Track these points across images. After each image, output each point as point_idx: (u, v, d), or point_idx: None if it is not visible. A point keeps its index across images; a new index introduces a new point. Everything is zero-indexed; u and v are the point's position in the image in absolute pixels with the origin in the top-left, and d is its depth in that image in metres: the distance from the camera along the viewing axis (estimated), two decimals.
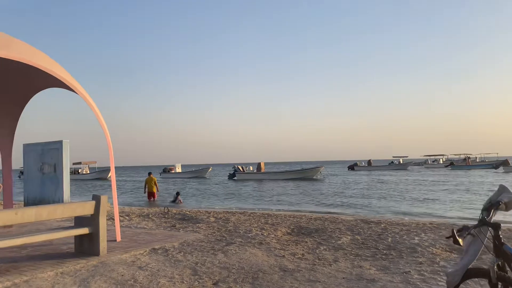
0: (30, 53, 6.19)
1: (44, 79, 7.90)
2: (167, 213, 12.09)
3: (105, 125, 7.16)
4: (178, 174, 56.68)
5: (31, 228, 8.90)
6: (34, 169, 13.71)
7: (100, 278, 4.94)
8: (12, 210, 5.07)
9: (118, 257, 5.98)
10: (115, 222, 7.45)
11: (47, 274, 5.11)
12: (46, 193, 13.29)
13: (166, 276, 5.02)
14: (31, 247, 6.76)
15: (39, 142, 13.84)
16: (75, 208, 5.78)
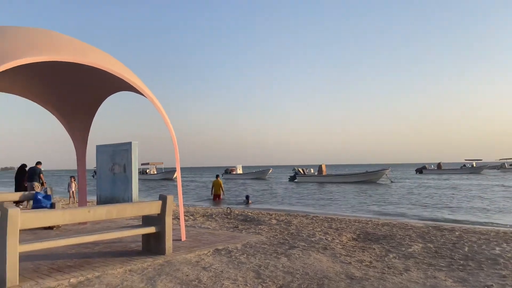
0: (104, 59, 6.49)
1: (115, 83, 8.27)
2: (229, 214, 12.20)
3: (171, 127, 7.33)
4: (239, 175, 57.46)
5: (103, 226, 9.36)
6: (106, 169, 14.46)
7: (166, 277, 5.01)
8: (86, 208, 5.31)
9: (183, 257, 6.06)
10: (180, 221, 7.59)
11: (116, 271, 5.29)
12: (116, 192, 13.96)
13: (229, 278, 4.99)
14: (103, 244, 7.08)
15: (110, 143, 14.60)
16: (143, 208, 5.95)
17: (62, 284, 4.70)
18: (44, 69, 7.99)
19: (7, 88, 8.77)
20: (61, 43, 5.97)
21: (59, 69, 8.07)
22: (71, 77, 8.44)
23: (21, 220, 4.63)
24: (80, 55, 6.02)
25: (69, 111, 9.43)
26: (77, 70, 8.03)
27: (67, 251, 6.54)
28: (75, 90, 8.92)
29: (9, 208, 4.51)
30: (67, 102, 9.25)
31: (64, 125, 9.72)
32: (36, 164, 14.39)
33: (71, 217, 5.13)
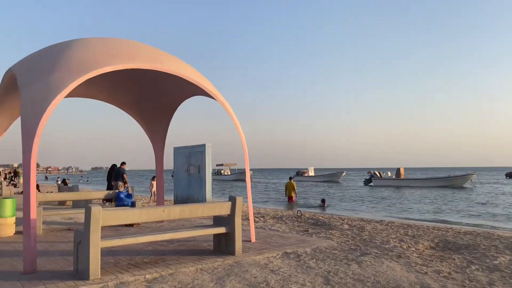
0: (179, 65, 6.78)
1: (190, 88, 8.61)
2: (300, 217, 12.11)
3: (241, 130, 7.45)
4: (311, 177, 56.89)
5: (178, 224, 9.77)
6: (182, 170, 15.12)
7: (235, 278, 5.09)
8: (161, 208, 5.58)
9: (252, 258, 6.11)
10: (250, 223, 7.68)
11: (188, 269, 5.48)
12: (192, 192, 14.53)
13: (297, 282, 4.93)
14: (178, 242, 7.38)
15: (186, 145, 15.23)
16: (213, 208, 6.10)
17: (138, 280, 4.97)
18: (125, 77, 8.56)
19: (96, 95, 9.53)
20: (139, 52, 6.34)
21: (139, 76, 8.59)
22: (150, 84, 8.94)
23: (102, 217, 4.98)
24: (157, 62, 6.35)
25: (148, 115, 9.99)
26: (155, 76, 8.50)
27: (145, 248, 6.91)
28: (153, 96, 9.43)
29: (92, 206, 4.87)
30: (146, 107, 9.81)
31: (144, 129, 10.32)
32: (120, 165, 15.44)
33: (147, 215, 5.41)
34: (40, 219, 8.65)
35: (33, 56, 6.32)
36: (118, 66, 5.71)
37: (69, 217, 11.58)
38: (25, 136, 5.19)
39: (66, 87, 5.24)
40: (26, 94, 5.46)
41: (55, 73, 5.49)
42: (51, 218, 11.04)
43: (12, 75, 6.45)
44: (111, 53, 5.97)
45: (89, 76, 5.41)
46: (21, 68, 6.12)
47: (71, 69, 5.51)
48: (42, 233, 8.57)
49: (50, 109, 5.18)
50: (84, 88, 8.95)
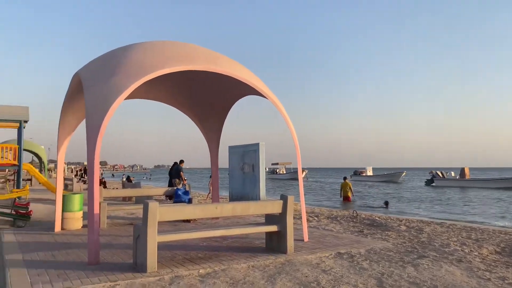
0: (232, 66, 6.92)
1: (243, 88, 8.74)
2: (355, 217, 11.86)
3: (293, 128, 7.44)
4: (369, 177, 55.38)
5: (233, 221, 9.95)
6: (237, 168, 15.40)
7: (286, 276, 5.11)
8: (214, 205, 5.73)
9: (304, 257, 6.10)
10: (302, 222, 7.66)
11: (240, 266, 5.58)
12: (246, 190, 14.75)
13: (349, 283, 4.86)
14: (231, 239, 7.53)
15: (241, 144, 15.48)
16: (265, 206, 6.17)
17: (192, 274, 5.15)
18: (182, 78, 8.87)
19: (155, 96, 9.96)
20: (195, 54, 6.55)
21: (195, 77, 8.87)
22: (205, 84, 9.20)
23: (159, 213, 5.21)
24: (211, 63, 6.53)
25: (203, 115, 10.28)
26: (210, 77, 8.72)
27: (200, 243, 7.13)
28: (208, 96, 9.69)
29: (149, 202, 5.11)
30: (202, 107, 10.09)
31: (200, 128, 10.63)
32: (179, 163, 16.02)
33: (201, 212, 5.59)
34: (104, 214, 9.20)
35: (97, 60, 6.75)
36: (174, 68, 5.94)
37: (132, 212, 12.20)
38: (89, 136, 5.56)
39: (126, 90, 5.54)
40: (89, 96, 5.84)
41: (115, 77, 5.82)
42: (115, 213, 11.69)
43: (78, 79, 6.92)
44: (168, 55, 6.22)
45: (147, 78, 5.68)
46: (86, 72, 6.56)
47: (130, 72, 5.82)
48: (106, 227, 9.11)
49: (112, 110, 5.50)
50: (145, 90, 9.39)
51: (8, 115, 16.74)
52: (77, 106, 8.11)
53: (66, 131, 8.37)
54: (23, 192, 11.49)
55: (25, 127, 17.71)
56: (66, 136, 8.48)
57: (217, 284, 4.75)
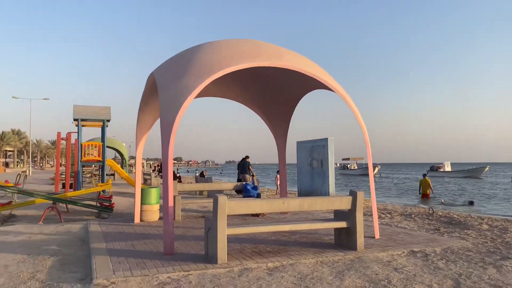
0: (297, 60, 6.90)
1: (310, 82, 8.68)
2: (431, 215, 11.27)
3: (363, 122, 7.24)
4: (447, 173, 52.19)
5: (301, 216, 9.95)
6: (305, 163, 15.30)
7: (355, 273, 5.02)
8: (281, 200, 5.78)
9: (375, 255, 5.94)
10: (373, 218, 7.45)
11: (309, 261, 5.57)
12: (315, 185, 14.60)
13: (422, 283, 4.65)
14: (300, 234, 7.54)
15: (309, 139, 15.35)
16: (332, 202, 6.09)
17: (261, 267, 5.24)
18: (249, 75, 9.01)
19: (224, 94, 10.24)
20: (260, 50, 6.62)
21: (261, 74, 8.96)
22: (272, 80, 9.26)
23: (228, 207, 5.37)
24: (277, 59, 6.56)
25: (270, 111, 10.36)
26: (276, 73, 8.77)
27: (269, 237, 7.23)
28: (275, 92, 9.75)
29: (219, 196, 5.29)
30: (269, 102, 10.18)
31: (267, 124, 10.73)
32: (244, 158, 16.32)
33: (268, 207, 5.66)
34: (179, 207, 9.67)
35: (169, 61, 7.09)
36: (239, 66, 6.06)
37: (204, 205, 12.68)
38: (163, 133, 5.87)
39: (195, 90, 5.76)
40: (163, 96, 6.16)
41: (185, 77, 6.08)
42: (188, 206, 12.23)
43: (153, 79, 7.32)
44: (233, 54, 6.37)
45: (213, 78, 5.86)
46: (160, 72, 6.92)
47: (199, 71, 6.04)
48: (181, 219, 9.57)
49: (183, 109, 5.76)
50: (214, 88, 9.69)
51: (92, 115, 18.19)
52: (152, 105, 8.59)
53: (143, 129, 8.91)
54: (106, 186, 12.43)
55: (107, 126, 19.12)
56: (143, 134, 9.02)
57: (285, 278, 4.79)
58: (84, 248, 6.59)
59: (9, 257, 5.99)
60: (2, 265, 5.55)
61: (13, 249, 6.51)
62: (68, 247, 6.73)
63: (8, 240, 7.25)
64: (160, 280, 4.68)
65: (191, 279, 4.73)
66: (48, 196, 10.94)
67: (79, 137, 18.33)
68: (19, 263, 5.64)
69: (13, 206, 10.51)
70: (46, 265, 5.54)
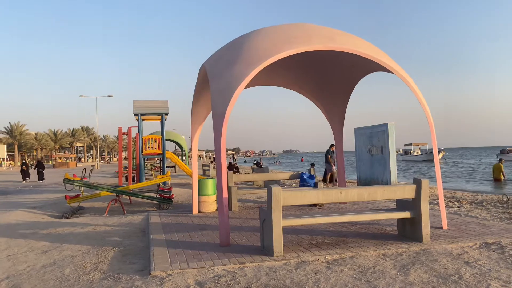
0: (354, 42, 6.53)
1: (366, 65, 8.22)
2: (506, 202, 10.38)
3: (426, 105, 6.73)
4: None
5: (361, 206, 9.56)
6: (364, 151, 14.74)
7: (421, 267, 4.66)
8: (338, 189, 5.50)
9: (443, 247, 5.50)
10: (440, 207, 6.94)
11: (370, 253, 5.27)
12: (375, 173, 14.03)
13: (499, 279, 4.20)
14: (359, 224, 7.21)
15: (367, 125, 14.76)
16: (394, 191, 5.71)
17: (319, 260, 5.03)
18: (301, 60, 8.72)
19: (277, 82, 10.03)
20: (312, 33, 6.33)
21: (314, 58, 8.64)
22: (325, 64, 8.90)
23: (282, 197, 5.19)
24: (329, 42, 6.24)
25: (324, 97, 10.00)
26: (330, 56, 8.40)
27: (327, 228, 6.98)
28: (329, 76, 9.37)
29: (273, 186, 5.13)
30: (323, 88, 9.82)
31: (322, 110, 10.39)
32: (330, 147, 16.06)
33: (325, 197, 5.42)
34: (235, 197, 9.66)
35: (220, 50, 7.00)
36: (290, 52, 5.82)
37: (261, 195, 12.63)
38: (215, 124, 5.81)
39: (245, 78, 5.62)
40: (214, 86, 6.09)
41: (236, 65, 5.95)
42: (245, 197, 12.24)
43: (204, 70, 7.28)
44: (283, 39, 6.13)
45: (265, 64, 5.67)
46: (210, 62, 6.86)
47: (248, 60, 5.88)
48: (238, 210, 9.56)
49: (234, 98, 5.64)
50: (265, 76, 9.50)
51: (151, 109, 18.76)
52: (205, 96, 8.59)
53: (197, 121, 8.95)
54: (165, 177, 12.76)
55: (166, 119, 19.65)
56: (198, 126, 9.08)
57: (344, 272, 4.55)
58: (144, 239, 6.75)
59: (76, 248, 6.27)
60: (69, 256, 5.82)
61: (79, 240, 6.82)
62: (129, 238, 6.93)
63: (75, 232, 7.63)
64: (215, 273, 4.63)
65: (247, 272, 4.63)
66: (111, 189, 11.43)
67: (140, 131, 19.00)
68: (84, 254, 5.88)
69: (80, 199, 11.10)
70: (108, 256, 5.72)
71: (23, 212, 10.84)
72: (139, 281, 4.46)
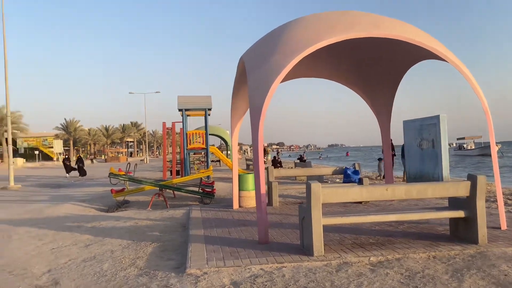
0: (398, 28, 6.09)
1: (415, 52, 7.68)
2: None
3: (483, 96, 6.16)
4: None
5: (410, 203, 9.02)
6: (414, 145, 14.01)
7: (477, 272, 4.22)
8: (384, 187, 5.14)
9: (502, 250, 4.99)
10: (498, 206, 6.36)
11: (419, 255, 4.88)
12: (425, 169, 13.31)
13: None
14: (407, 224, 6.76)
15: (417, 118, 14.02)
16: (447, 188, 5.25)
17: (362, 262, 4.71)
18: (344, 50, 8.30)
19: (318, 73, 9.67)
20: (355, 20, 5.95)
21: (357, 47, 8.20)
22: (370, 53, 8.44)
23: (322, 194, 4.91)
24: (374, 28, 5.84)
25: (370, 87, 9.51)
26: (375, 44, 7.93)
27: (371, 227, 6.59)
28: (375, 66, 8.88)
29: (312, 183, 4.86)
30: (368, 79, 9.34)
31: (368, 103, 9.90)
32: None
33: (369, 194, 5.07)
34: (276, 193, 9.45)
35: (258, 42, 6.78)
36: (331, 40, 5.48)
37: (302, 191, 12.33)
38: (252, 118, 5.60)
39: (283, 69, 5.36)
40: (251, 79, 5.88)
41: (274, 56, 5.71)
42: (287, 192, 11.99)
43: (242, 63, 7.10)
44: (324, 27, 5.80)
45: (302, 55, 5.38)
46: (248, 54, 6.65)
47: (288, 50, 5.61)
48: (278, 206, 9.34)
49: (271, 91, 5.41)
50: (306, 68, 9.16)
51: (195, 104, 18.93)
52: (243, 90, 8.41)
53: (236, 115, 8.81)
54: (207, 172, 12.78)
55: (210, 114, 19.76)
56: (238, 120, 8.93)
57: (390, 276, 4.22)
58: (183, 235, 6.70)
59: (116, 243, 6.32)
60: (109, 250, 5.86)
61: (120, 235, 6.89)
62: (169, 233, 6.91)
63: (118, 226, 7.73)
64: (252, 272, 4.45)
65: (285, 272, 4.41)
66: (155, 183, 11.58)
67: (184, 126, 19.23)
68: (123, 249, 5.90)
69: (125, 193, 11.34)
70: (146, 251, 5.70)
71: (72, 205, 11.23)
72: (174, 279, 4.36)
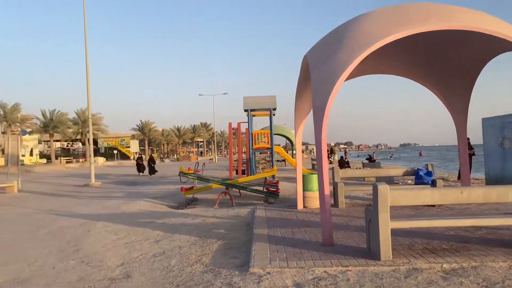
0: (479, 19, 5.66)
1: (495, 44, 7.10)
2: None
3: None
4: None
5: (489, 207, 8.34)
6: (495, 144, 12.99)
7: None
8: (458, 189, 4.80)
9: None
10: None
11: (498, 264, 4.49)
12: (508, 170, 12.29)
13: None
14: (486, 229, 6.24)
15: (499, 115, 12.98)
16: None
17: (434, 269, 4.43)
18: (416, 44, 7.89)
19: (387, 69, 9.30)
20: (425, 12, 5.62)
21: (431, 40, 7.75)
22: (444, 46, 7.93)
23: (390, 197, 4.69)
24: (447, 20, 5.48)
25: (444, 84, 8.95)
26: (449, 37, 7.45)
27: (445, 231, 6.18)
28: (449, 60, 8.33)
29: (379, 185, 4.66)
30: (441, 74, 8.79)
31: (441, 99, 9.33)
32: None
33: (442, 197, 4.76)
34: (342, 194, 9.23)
35: (323, 38, 6.66)
36: (400, 35, 5.22)
37: (370, 193, 11.90)
38: (315, 117, 5.51)
39: (349, 66, 5.20)
40: (315, 77, 5.78)
41: (338, 53, 5.56)
42: (354, 193, 11.65)
43: (306, 62, 7.01)
44: (393, 21, 5.55)
45: (369, 51, 5.19)
46: (312, 52, 6.56)
47: (353, 46, 5.44)
48: (344, 207, 9.11)
49: (335, 89, 5.28)
50: (373, 64, 8.82)
51: (259, 104, 19.10)
52: (307, 89, 8.29)
53: (300, 115, 8.72)
54: (272, 172, 12.82)
55: (274, 114, 19.83)
56: (301, 120, 8.83)
57: (464, 285, 3.92)
58: (248, 233, 6.77)
59: (184, 239, 6.55)
60: (177, 246, 6.09)
61: (189, 231, 7.13)
62: (235, 231, 7.02)
63: (186, 222, 8.02)
64: (315, 274, 4.37)
65: (349, 276, 4.28)
66: (222, 182, 11.85)
67: (250, 126, 19.48)
68: (191, 245, 6.10)
69: (194, 190, 11.73)
70: (212, 248, 5.84)
71: (145, 202, 11.85)
72: (237, 278, 4.42)
